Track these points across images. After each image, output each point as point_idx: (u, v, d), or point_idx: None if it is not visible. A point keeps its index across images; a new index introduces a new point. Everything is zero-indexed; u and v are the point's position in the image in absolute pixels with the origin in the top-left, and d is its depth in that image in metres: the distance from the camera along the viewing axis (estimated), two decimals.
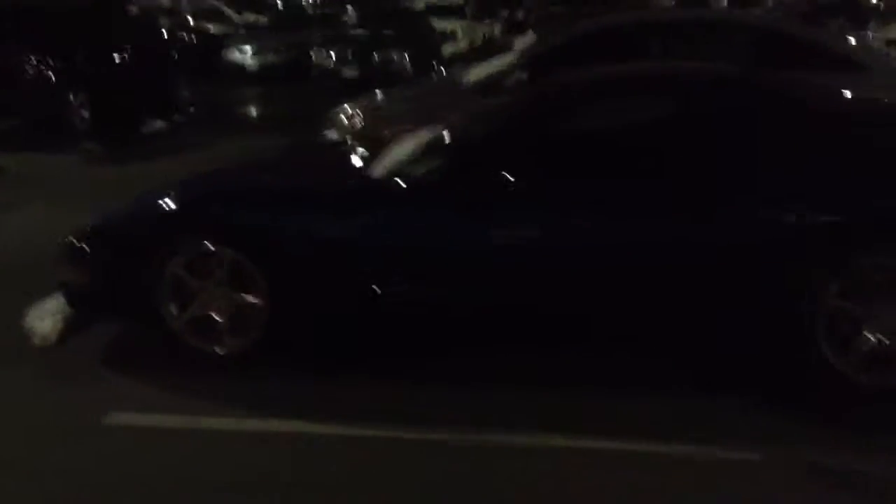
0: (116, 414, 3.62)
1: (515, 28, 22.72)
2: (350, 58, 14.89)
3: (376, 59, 14.83)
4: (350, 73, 14.82)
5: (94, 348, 4.28)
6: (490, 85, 6.27)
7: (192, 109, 12.42)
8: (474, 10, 20.87)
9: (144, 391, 3.83)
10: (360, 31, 16.09)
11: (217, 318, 4.01)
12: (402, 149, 4.32)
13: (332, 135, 6.72)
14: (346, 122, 6.65)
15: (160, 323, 4.03)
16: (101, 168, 9.35)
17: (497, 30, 24.29)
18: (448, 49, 18.15)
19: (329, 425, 3.51)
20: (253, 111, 14.41)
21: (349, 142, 6.49)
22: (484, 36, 21.20)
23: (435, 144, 4.18)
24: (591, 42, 6.22)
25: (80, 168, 9.32)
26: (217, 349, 4.02)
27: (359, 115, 6.60)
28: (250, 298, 3.95)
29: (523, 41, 12.10)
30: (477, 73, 6.66)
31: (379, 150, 4.51)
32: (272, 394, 3.80)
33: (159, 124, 11.73)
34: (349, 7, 20.31)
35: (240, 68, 17.03)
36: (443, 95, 6.61)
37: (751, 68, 4.34)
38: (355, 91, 14.50)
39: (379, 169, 4.13)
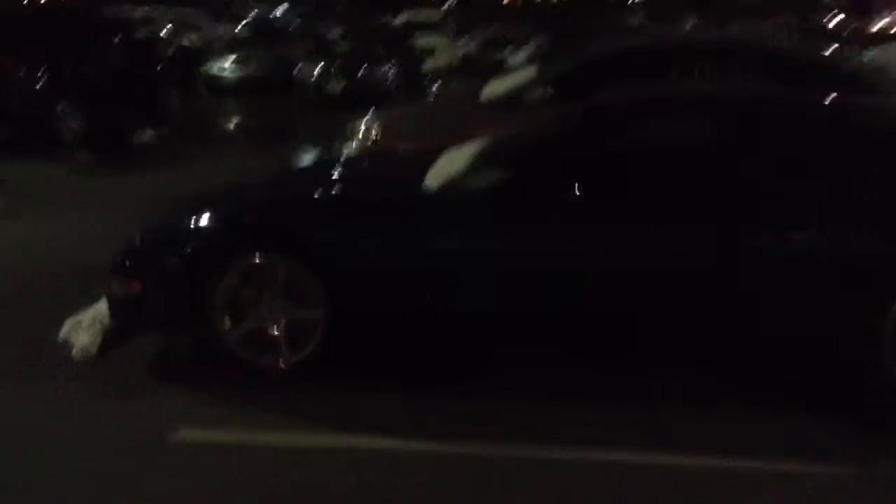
0: (183, 430, 3.54)
1: (492, 46, 22.95)
2: (335, 72, 14.83)
3: (361, 74, 14.79)
4: (335, 87, 14.78)
5: (141, 362, 4.20)
6: (512, 101, 6.30)
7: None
8: (453, 27, 20.96)
9: (205, 406, 3.76)
10: (344, 46, 16.04)
11: (272, 331, 3.95)
12: (453, 161, 4.31)
13: (351, 148, 6.69)
14: (365, 136, 6.62)
15: (214, 336, 3.96)
16: (95, 179, 9.21)
17: (473, 47, 24.45)
18: (428, 65, 18.22)
19: (407, 440, 3.48)
20: (239, 123, 14.29)
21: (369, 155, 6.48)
22: (461, 53, 21.31)
23: (489, 157, 4.18)
24: (616, 61, 6.29)
25: (73, 178, 9.16)
26: (272, 363, 3.96)
27: (377, 129, 6.57)
28: (308, 311, 3.90)
29: (519, 58, 12.26)
30: (493, 88, 6.67)
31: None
32: (334, 407, 3.75)
33: (149, 135, 11.57)
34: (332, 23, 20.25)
35: (220, 80, 16.89)
36: (460, 111, 6.62)
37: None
38: (340, 105, 14.65)
39: (434, 180, 4.11)
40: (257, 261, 3.90)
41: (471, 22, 21.43)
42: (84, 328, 4.48)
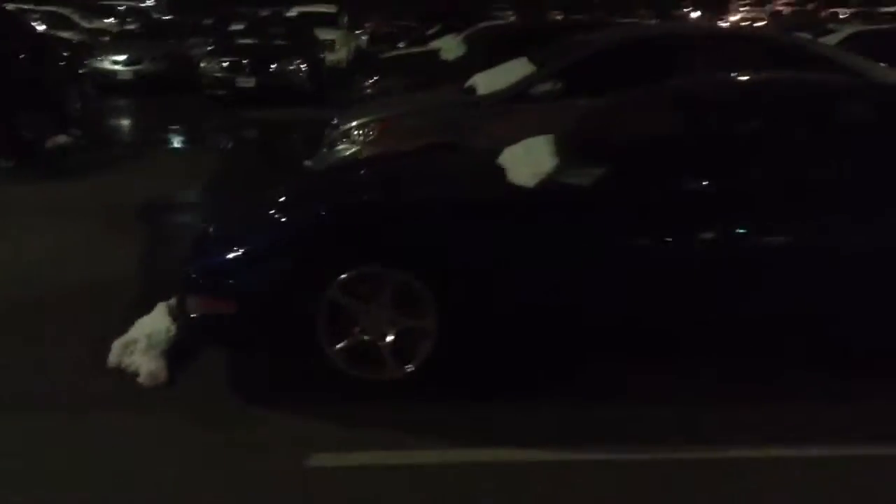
0: (317, 456, 3.32)
1: (382, 39, 22.76)
2: (245, 68, 14.27)
3: (273, 69, 14.32)
4: (246, 83, 14.24)
5: (223, 385, 3.92)
6: (519, 95, 6.23)
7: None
8: (348, 20, 20.62)
9: (327, 429, 3.54)
10: (249, 41, 15.45)
11: (378, 344, 3.76)
12: (535, 158, 4.21)
13: (346, 149, 6.44)
14: (359, 137, 6.38)
15: (317, 353, 3.72)
16: (12, 187, 8.44)
17: (364, 41, 24.20)
18: (330, 58, 17.88)
19: (527, 450, 3.38)
20: (145, 124, 13.52)
21: (363, 156, 6.27)
22: (354, 46, 21.03)
23: (584, 151, 4.10)
24: (622, 51, 6.33)
25: None
26: (381, 376, 3.77)
27: (374, 129, 6.35)
28: (417, 320, 3.73)
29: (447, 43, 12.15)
30: (489, 84, 6.56)
31: None
32: (456, 419, 3.62)
33: (62, 139, 10.78)
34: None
35: (112, 78, 15.93)
36: (456, 108, 6.47)
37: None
38: (252, 103, 14.12)
39: (526, 178, 4.00)
40: (366, 270, 3.69)
41: (364, 14, 21.23)
42: (141, 352, 4.13)
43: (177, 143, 11.80)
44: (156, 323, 4.38)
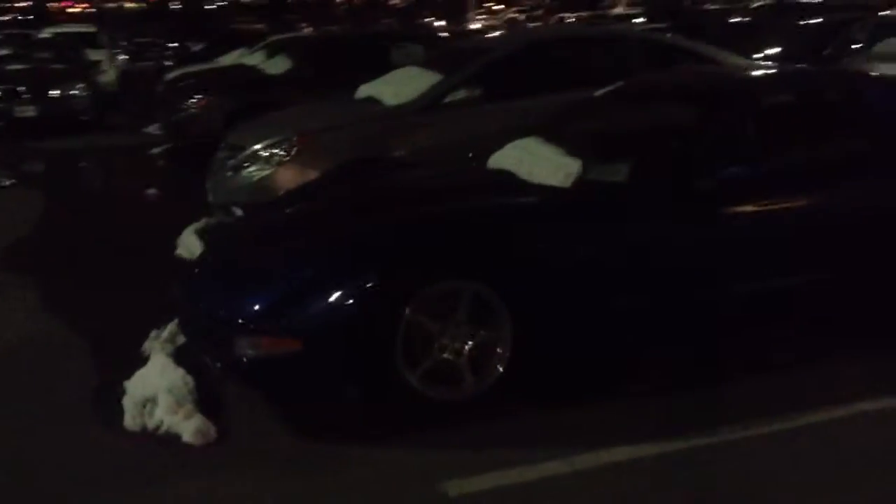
0: (450, 483, 3.15)
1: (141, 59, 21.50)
2: (21, 95, 12.91)
3: (53, 95, 13.08)
4: (26, 112, 12.89)
5: (280, 431, 3.63)
6: (431, 104, 6.21)
7: None
8: (108, 39, 19.24)
9: (433, 455, 3.37)
10: (21, 66, 13.95)
11: (455, 361, 3.63)
12: (547, 161, 4.24)
13: (257, 172, 6.09)
14: (274, 156, 6.06)
15: (395, 380, 3.52)
16: None
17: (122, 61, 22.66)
18: (101, 80, 16.61)
19: (652, 444, 3.42)
20: None
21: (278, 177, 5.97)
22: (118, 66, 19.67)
23: (607, 151, 4.23)
24: (529, 56, 6.49)
25: None
26: (455, 395, 3.64)
27: (292, 145, 6.05)
28: (492, 332, 3.65)
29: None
30: (393, 94, 6.45)
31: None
32: (549, 426, 3.59)
33: None
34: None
35: None
36: (372, 121, 6.30)
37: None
38: (33, 132, 12.74)
39: (557, 179, 4.03)
40: (443, 287, 3.56)
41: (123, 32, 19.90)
42: (168, 410, 3.69)
43: None
44: (167, 375, 3.93)
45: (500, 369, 3.68)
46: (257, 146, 6.15)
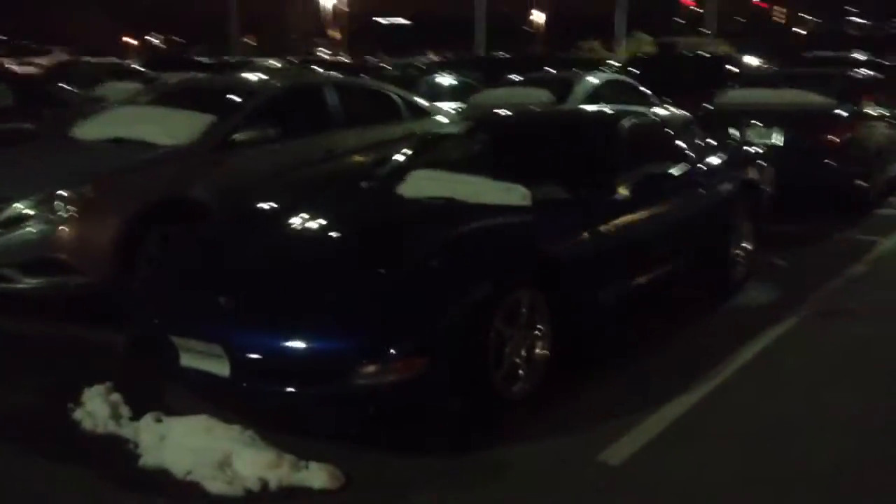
0: (604, 453, 3.56)
1: None
2: None
3: None
4: None
5: (390, 457, 3.62)
6: (219, 144, 6.01)
7: None
8: None
9: (563, 439, 3.74)
10: None
11: (518, 361, 4.00)
12: (500, 182, 4.61)
13: (35, 228, 5.21)
14: (61, 204, 5.21)
15: (485, 385, 3.79)
16: None
17: None
18: None
19: None
20: None
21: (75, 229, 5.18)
22: None
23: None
24: (293, 97, 6.86)
25: None
26: (512, 393, 3.98)
27: (79, 194, 5.26)
28: (540, 334, 4.10)
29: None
30: (163, 133, 5.94)
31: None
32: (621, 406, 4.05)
33: None
34: None
35: None
36: (164, 162, 5.79)
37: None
38: None
39: (521, 198, 4.45)
40: (516, 296, 3.92)
41: None
42: (266, 464, 3.37)
43: None
44: (216, 432, 3.53)
45: (544, 365, 4.13)
46: (20, 204, 5.23)
